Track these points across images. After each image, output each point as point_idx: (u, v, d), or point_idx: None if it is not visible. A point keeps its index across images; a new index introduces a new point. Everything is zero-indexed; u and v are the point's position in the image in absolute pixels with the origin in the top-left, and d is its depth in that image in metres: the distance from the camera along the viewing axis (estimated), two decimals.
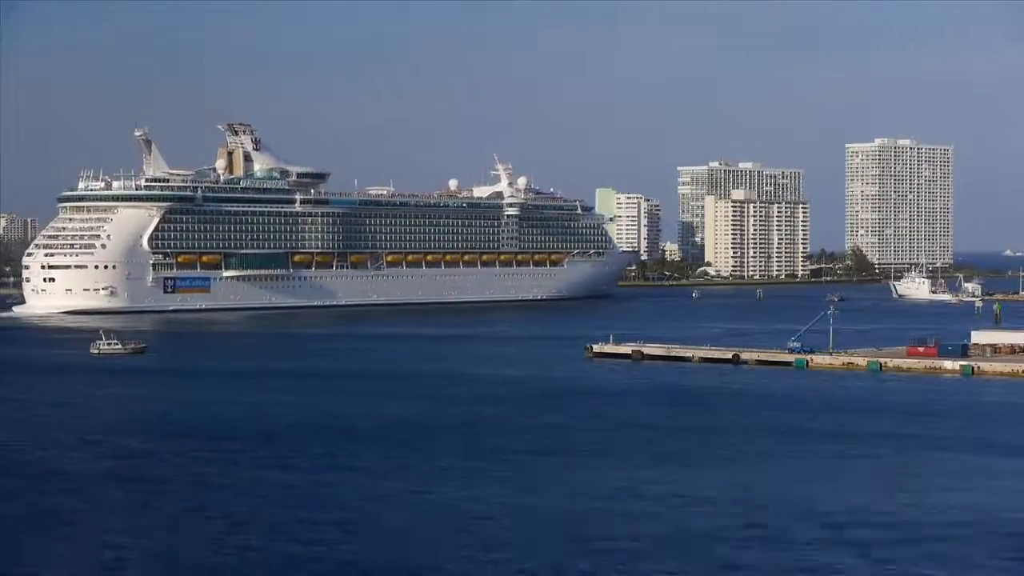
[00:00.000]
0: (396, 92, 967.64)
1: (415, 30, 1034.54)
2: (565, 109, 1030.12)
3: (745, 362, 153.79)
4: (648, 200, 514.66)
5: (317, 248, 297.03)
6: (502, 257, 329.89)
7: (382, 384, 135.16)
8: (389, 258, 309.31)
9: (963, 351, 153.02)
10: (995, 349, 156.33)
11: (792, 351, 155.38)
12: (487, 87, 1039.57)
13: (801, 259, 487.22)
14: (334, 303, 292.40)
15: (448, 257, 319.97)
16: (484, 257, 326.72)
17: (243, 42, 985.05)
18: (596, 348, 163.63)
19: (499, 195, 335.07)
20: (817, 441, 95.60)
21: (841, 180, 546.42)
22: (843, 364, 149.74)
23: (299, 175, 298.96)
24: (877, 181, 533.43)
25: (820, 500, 73.75)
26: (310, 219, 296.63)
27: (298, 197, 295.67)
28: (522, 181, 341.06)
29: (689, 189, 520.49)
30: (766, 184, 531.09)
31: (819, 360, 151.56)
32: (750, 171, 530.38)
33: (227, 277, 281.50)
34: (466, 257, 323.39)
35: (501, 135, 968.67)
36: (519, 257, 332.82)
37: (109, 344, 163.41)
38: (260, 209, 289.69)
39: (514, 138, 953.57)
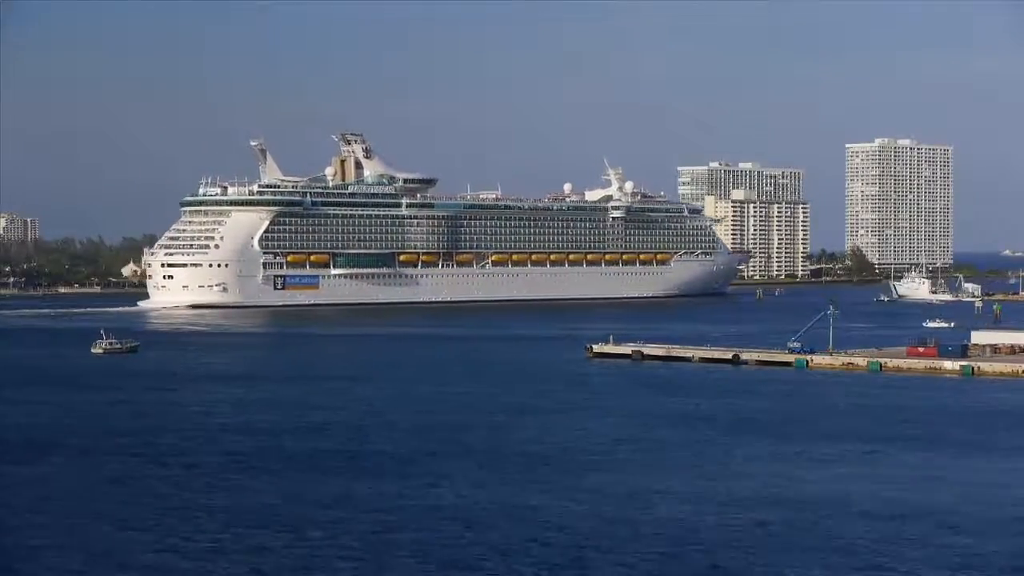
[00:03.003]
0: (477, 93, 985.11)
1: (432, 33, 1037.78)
2: (565, 109, 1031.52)
3: (745, 362, 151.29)
4: None
5: (422, 248, 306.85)
6: (607, 257, 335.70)
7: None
8: (494, 258, 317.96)
9: (963, 351, 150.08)
10: (995, 349, 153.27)
11: (792, 351, 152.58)
12: (488, 87, 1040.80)
13: (801, 259, 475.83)
14: (438, 299, 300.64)
15: (553, 257, 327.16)
16: (589, 257, 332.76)
17: (358, 47, 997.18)
18: (596, 348, 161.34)
19: (609, 198, 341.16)
20: None
21: (841, 180, 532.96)
22: (843, 364, 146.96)
23: (407, 181, 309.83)
24: (877, 181, 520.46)
25: None
26: (416, 222, 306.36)
27: (404, 201, 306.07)
28: (629, 185, 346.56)
29: (689, 189, 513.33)
30: (766, 184, 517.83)
31: (819, 360, 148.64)
32: (750, 171, 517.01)
33: (335, 275, 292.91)
34: (571, 257, 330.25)
35: (501, 136, 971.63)
36: (624, 257, 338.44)
37: (110, 343, 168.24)
38: (367, 212, 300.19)
39: (513, 138, 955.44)
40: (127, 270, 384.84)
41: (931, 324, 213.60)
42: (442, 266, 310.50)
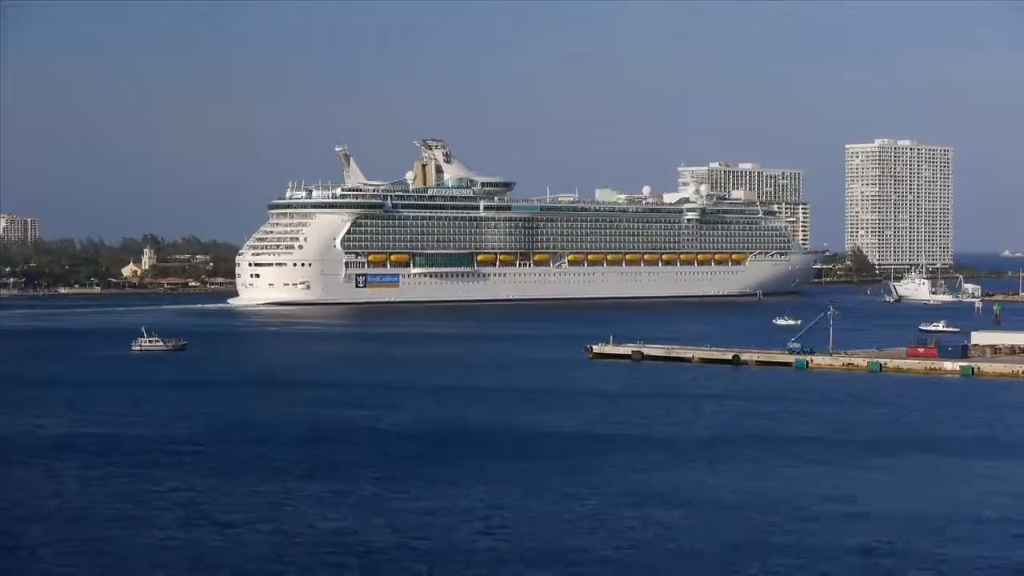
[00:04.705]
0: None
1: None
2: (565, 109, 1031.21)
3: (745, 363, 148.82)
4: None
5: (500, 249, 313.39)
6: (682, 257, 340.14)
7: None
8: (570, 258, 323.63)
9: (963, 352, 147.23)
10: (995, 350, 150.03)
11: (792, 351, 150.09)
12: (488, 87, 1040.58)
13: None
14: (515, 297, 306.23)
15: (628, 257, 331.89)
16: (664, 257, 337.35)
17: (439, 50, 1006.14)
18: (596, 349, 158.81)
19: (685, 200, 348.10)
20: None
21: (841, 181, 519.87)
22: (843, 365, 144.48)
23: (485, 184, 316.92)
24: (877, 182, 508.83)
25: None
26: (493, 223, 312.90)
27: (482, 204, 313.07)
28: (703, 188, 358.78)
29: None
30: (766, 184, 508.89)
31: (819, 361, 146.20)
32: (750, 171, 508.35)
33: (414, 274, 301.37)
34: (646, 257, 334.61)
35: (504, 135, 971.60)
36: (700, 257, 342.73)
37: (150, 341, 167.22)
38: (445, 214, 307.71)
39: (514, 136, 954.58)
40: (127, 270, 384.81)
41: (780, 322, 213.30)
42: (519, 266, 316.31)
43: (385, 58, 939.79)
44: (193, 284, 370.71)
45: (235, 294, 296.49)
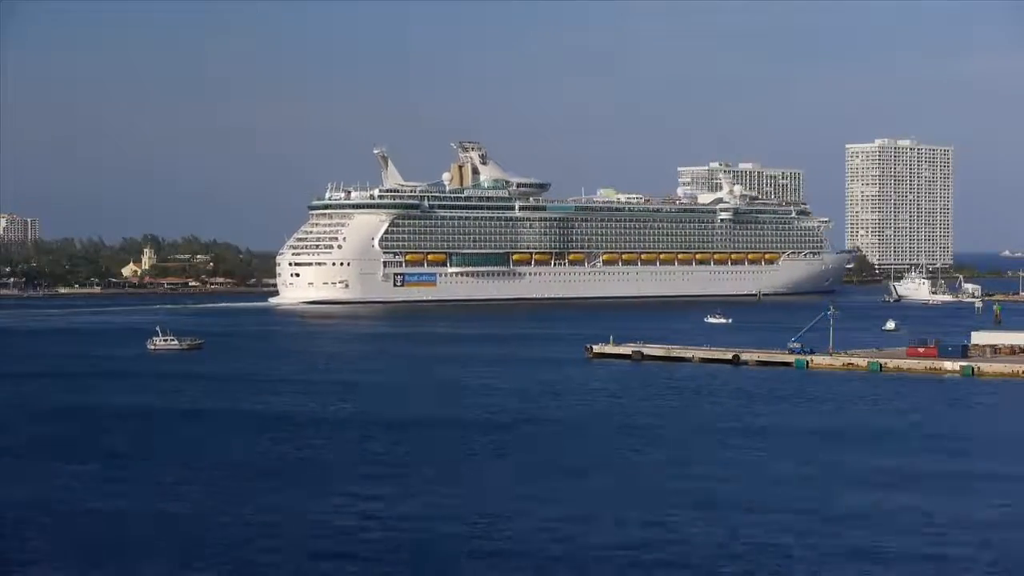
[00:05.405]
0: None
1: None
2: (566, 108, 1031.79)
3: (745, 363, 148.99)
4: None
5: (535, 249, 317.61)
6: (716, 257, 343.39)
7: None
8: (605, 257, 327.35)
9: (963, 352, 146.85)
10: (995, 350, 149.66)
11: (792, 352, 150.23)
12: (488, 85, 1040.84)
13: None
14: (550, 296, 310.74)
15: (662, 256, 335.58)
16: (698, 256, 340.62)
17: (472, 49, 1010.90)
18: (596, 349, 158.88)
19: (719, 200, 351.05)
20: None
21: (841, 180, 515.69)
22: (843, 365, 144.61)
23: (520, 185, 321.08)
24: (877, 182, 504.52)
25: None
26: (528, 224, 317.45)
27: (517, 204, 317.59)
28: (737, 189, 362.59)
29: (689, 189, 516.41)
30: (766, 184, 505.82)
31: (819, 361, 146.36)
32: (750, 171, 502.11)
33: (451, 273, 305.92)
34: (680, 256, 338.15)
35: (508, 133, 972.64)
36: (733, 257, 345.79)
37: (165, 340, 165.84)
38: (481, 215, 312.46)
39: (517, 135, 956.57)
40: (127, 270, 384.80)
41: (712, 320, 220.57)
42: (554, 265, 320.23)
43: (385, 58, 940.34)
44: (193, 284, 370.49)
45: (235, 294, 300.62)
